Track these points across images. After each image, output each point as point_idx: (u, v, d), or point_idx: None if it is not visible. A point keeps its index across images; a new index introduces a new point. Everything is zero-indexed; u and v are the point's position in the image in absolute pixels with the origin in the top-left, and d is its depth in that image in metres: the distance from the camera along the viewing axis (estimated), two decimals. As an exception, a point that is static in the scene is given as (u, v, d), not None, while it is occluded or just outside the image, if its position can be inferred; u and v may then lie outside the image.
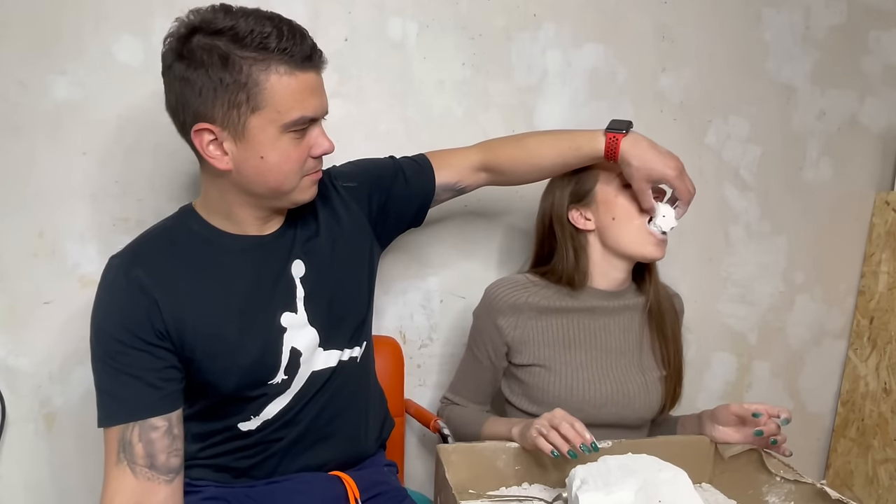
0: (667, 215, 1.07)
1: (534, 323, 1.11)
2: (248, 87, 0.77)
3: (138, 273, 0.83)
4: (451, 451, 0.93)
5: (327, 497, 0.94)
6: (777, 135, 1.56)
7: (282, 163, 0.83)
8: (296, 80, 0.79)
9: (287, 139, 0.82)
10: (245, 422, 0.90)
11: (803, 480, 0.90)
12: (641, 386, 1.10)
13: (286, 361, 0.90)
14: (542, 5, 1.35)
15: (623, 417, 1.09)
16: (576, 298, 1.12)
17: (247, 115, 0.79)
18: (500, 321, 1.11)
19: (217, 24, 0.77)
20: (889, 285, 1.60)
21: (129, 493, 0.80)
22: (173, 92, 0.81)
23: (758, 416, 0.95)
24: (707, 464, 1.01)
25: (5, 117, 1.07)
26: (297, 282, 0.92)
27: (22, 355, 1.13)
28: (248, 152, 0.81)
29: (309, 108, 0.82)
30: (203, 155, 0.82)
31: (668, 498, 0.79)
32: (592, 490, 0.80)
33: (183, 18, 0.79)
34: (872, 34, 1.59)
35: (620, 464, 0.85)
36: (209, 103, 0.78)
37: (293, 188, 0.86)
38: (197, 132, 0.80)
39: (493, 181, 1.15)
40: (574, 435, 0.88)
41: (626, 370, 1.11)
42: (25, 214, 1.10)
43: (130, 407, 0.82)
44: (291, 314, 0.91)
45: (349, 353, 0.98)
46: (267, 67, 0.77)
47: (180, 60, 0.78)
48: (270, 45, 0.77)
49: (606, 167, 1.10)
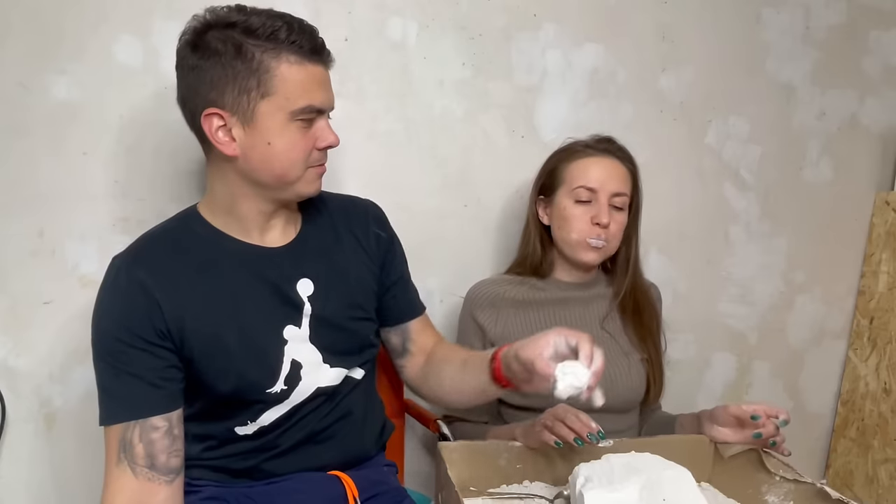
0: (573, 374, 0.78)
1: (513, 318, 1.15)
2: (258, 74, 0.80)
3: (140, 273, 0.83)
4: (452, 449, 0.93)
5: (326, 497, 0.94)
6: (777, 135, 1.56)
7: (288, 150, 0.84)
8: (305, 71, 0.82)
9: (294, 127, 0.84)
10: (242, 426, 0.91)
11: (803, 480, 0.90)
12: (623, 369, 1.13)
13: (286, 372, 0.90)
14: (542, 5, 1.35)
15: (608, 402, 1.09)
16: (547, 291, 1.18)
17: (256, 101, 0.81)
18: (480, 318, 1.15)
19: (231, 18, 0.81)
20: (889, 285, 1.60)
21: (129, 493, 0.80)
22: (185, 82, 0.84)
23: (756, 419, 0.96)
24: (706, 463, 1.01)
25: (5, 118, 1.07)
26: (305, 299, 0.92)
27: (22, 355, 1.13)
28: (255, 138, 0.83)
29: (316, 99, 0.84)
30: (211, 140, 0.83)
31: (672, 496, 0.79)
32: (597, 487, 0.81)
33: (198, 16, 0.83)
34: (872, 34, 1.59)
35: (624, 462, 0.85)
36: (220, 89, 0.81)
37: (298, 178, 0.87)
38: (206, 117, 0.82)
39: (425, 379, 1.08)
40: (580, 426, 0.89)
41: (608, 356, 1.11)
42: (25, 214, 1.10)
43: (131, 406, 0.82)
44: (294, 328, 0.91)
45: (356, 372, 0.99)
46: (277, 55, 0.81)
47: (194, 51, 0.81)
48: (281, 36, 0.80)
49: (574, 176, 1.13)
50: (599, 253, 1.13)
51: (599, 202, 1.11)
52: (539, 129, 1.39)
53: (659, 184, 1.48)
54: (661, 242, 1.52)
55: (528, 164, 1.29)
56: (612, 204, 1.12)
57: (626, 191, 1.14)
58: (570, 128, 1.37)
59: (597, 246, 1.11)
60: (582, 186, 1.12)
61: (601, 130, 1.21)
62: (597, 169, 1.13)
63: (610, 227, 1.12)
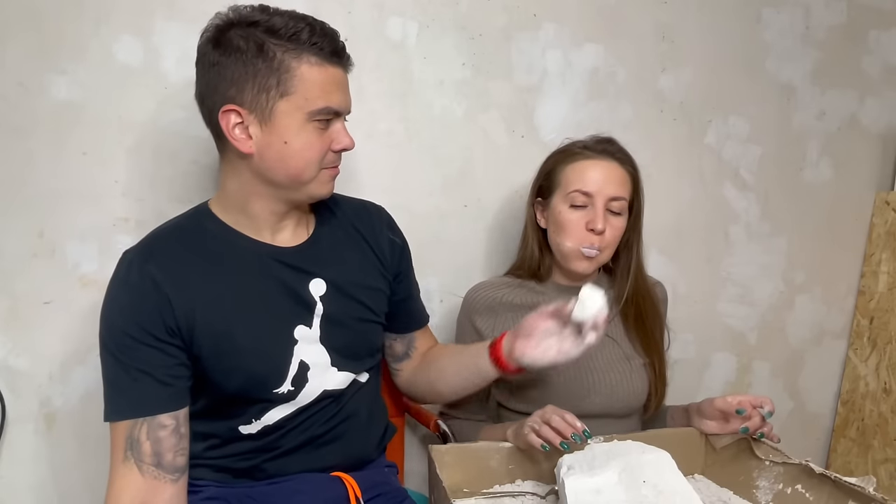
0: (585, 300, 0.88)
1: (511, 323, 1.11)
2: (279, 73, 0.81)
3: (151, 268, 0.83)
4: (444, 452, 0.93)
5: (328, 497, 0.94)
6: (777, 135, 1.56)
7: (304, 149, 0.84)
8: (324, 72, 0.83)
9: (311, 128, 0.84)
10: (246, 425, 0.90)
11: (791, 462, 0.92)
12: (625, 374, 1.11)
13: (294, 372, 0.90)
14: (542, 5, 1.35)
15: (609, 407, 1.10)
16: (546, 294, 1.15)
17: (275, 100, 0.82)
18: (478, 323, 1.14)
19: (254, 17, 0.82)
20: (889, 285, 1.60)
21: (135, 491, 0.80)
22: (205, 79, 0.84)
23: (741, 412, 0.97)
24: (699, 455, 1.02)
25: (5, 117, 1.07)
26: (317, 299, 0.92)
27: (22, 355, 1.13)
28: (272, 136, 0.83)
29: (334, 101, 0.85)
30: (228, 137, 0.83)
31: (652, 477, 0.80)
32: (577, 474, 0.82)
33: (221, 13, 0.83)
34: (872, 34, 1.59)
35: (605, 449, 0.86)
36: (239, 86, 0.81)
37: (312, 178, 0.87)
38: (224, 113, 0.82)
39: (416, 377, 1.11)
40: (565, 426, 0.88)
41: (608, 360, 1.11)
42: (25, 214, 1.10)
43: (139, 403, 0.82)
44: (305, 328, 0.91)
45: (362, 376, 0.99)
46: (298, 56, 0.81)
47: (216, 48, 0.82)
48: (303, 37, 0.81)
49: (570, 179, 1.10)
50: (593, 262, 1.09)
51: (596, 207, 1.07)
52: (539, 129, 1.39)
53: (659, 184, 1.48)
54: (661, 242, 1.52)
55: (527, 164, 1.29)
56: (609, 209, 1.08)
57: (625, 195, 1.09)
58: (569, 128, 1.37)
59: (590, 255, 1.08)
60: (577, 191, 1.08)
61: (601, 130, 1.21)
62: (594, 172, 1.08)
63: (606, 233, 1.07)
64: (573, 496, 0.79)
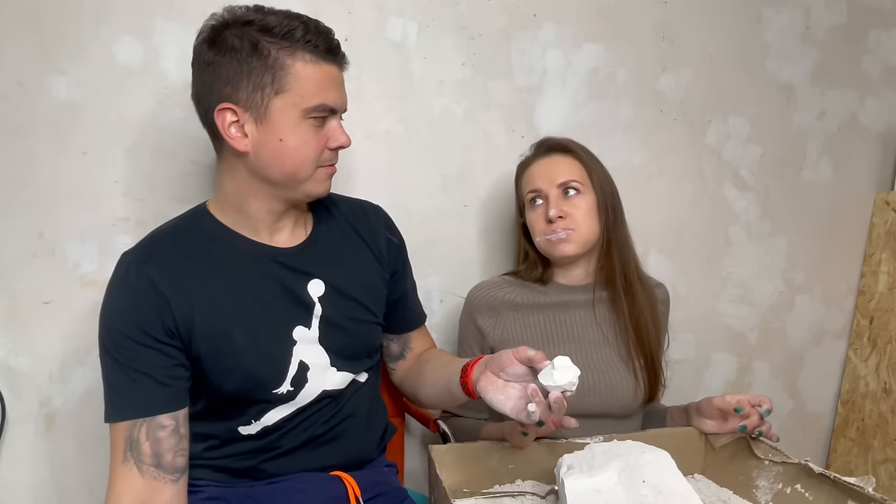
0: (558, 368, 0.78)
1: (512, 322, 1.14)
2: (273, 70, 0.81)
3: (149, 270, 0.83)
4: (444, 452, 0.93)
5: (328, 497, 0.94)
6: (777, 135, 1.56)
7: (300, 147, 0.84)
8: (319, 69, 0.83)
9: (307, 125, 0.84)
10: (245, 426, 0.90)
11: (790, 461, 0.92)
12: (624, 375, 1.11)
13: (293, 373, 0.90)
14: (542, 5, 1.35)
15: (608, 407, 1.10)
16: (547, 294, 1.17)
17: (270, 98, 0.82)
18: (480, 322, 1.15)
19: (248, 17, 0.82)
20: (889, 285, 1.60)
21: (135, 491, 0.81)
22: (200, 78, 0.84)
23: (739, 411, 0.97)
24: (699, 455, 1.02)
25: (5, 117, 1.07)
26: (316, 300, 0.92)
27: (22, 355, 1.13)
28: (268, 134, 0.83)
29: (329, 98, 0.85)
30: (224, 135, 0.83)
31: (652, 477, 0.80)
32: (577, 474, 0.82)
33: (216, 14, 0.84)
34: (872, 34, 1.59)
35: (605, 449, 0.86)
36: (234, 85, 0.81)
37: (308, 177, 0.87)
38: (220, 111, 0.82)
39: (408, 376, 1.11)
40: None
41: (607, 361, 1.12)
42: (25, 214, 1.10)
43: (138, 403, 0.82)
44: (304, 329, 0.91)
45: (362, 376, 0.99)
46: (293, 53, 0.82)
47: (211, 47, 0.82)
48: (297, 34, 0.82)
49: (523, 186, 1.16)
50: (569, 244, 1.10)
51: (549, 198, 1.11)
52: (539, 129, 1.39)
53: (659, 184, 1.48)
54: (660, 242, 1.52)
55: (528, 164, 1.29)
56: (564, 195, 1.11)
57: (574, 176, 1.11)
58: (569, 128, 1.37)
59: (558, 238, 1.10)
60: (530, 191, 1.15)
61: (601, 130, 1.21)
62: (536, 170, 1.15)
63: (568, 214, 1.10)
64: (573, 496, 0.80)
